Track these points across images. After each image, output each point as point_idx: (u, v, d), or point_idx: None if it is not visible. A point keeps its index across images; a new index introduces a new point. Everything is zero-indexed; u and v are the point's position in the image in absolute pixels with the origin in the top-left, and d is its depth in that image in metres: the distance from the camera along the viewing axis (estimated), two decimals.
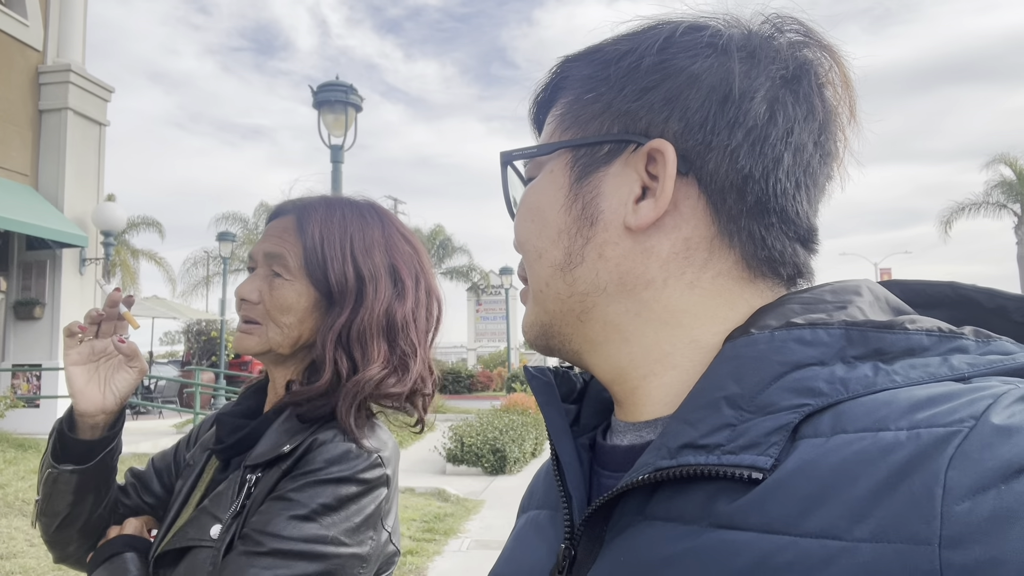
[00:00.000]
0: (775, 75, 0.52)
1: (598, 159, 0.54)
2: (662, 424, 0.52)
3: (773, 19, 0.54)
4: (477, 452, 9.86)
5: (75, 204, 11.81)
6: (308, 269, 1.12)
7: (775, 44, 0.53)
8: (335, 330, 1.10)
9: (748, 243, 0.53)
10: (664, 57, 0.52)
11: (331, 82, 7.63)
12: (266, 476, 1.04)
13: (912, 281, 0.56)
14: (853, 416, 0.42)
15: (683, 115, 0.51)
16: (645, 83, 0.52)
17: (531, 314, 0.59)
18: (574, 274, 0.55)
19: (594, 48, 0.56)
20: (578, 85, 0.56)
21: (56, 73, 11.84)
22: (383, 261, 1.15)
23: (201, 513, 1.07)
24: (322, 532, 0.98)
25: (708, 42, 0.52)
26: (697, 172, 0.52)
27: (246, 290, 1.14)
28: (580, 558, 0.52)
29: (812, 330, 0.47)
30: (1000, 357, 0.44)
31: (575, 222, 0.55)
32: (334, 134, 7.55)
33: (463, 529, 6.54)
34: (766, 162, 0.51)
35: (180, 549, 1.05)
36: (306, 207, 1.16)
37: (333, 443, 1.03)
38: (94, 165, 12.46)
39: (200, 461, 1.21)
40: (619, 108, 0.53)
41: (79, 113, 12.03)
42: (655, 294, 0.53)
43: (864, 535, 0.37)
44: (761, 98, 0.51)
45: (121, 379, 1.18)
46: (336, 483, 1.01)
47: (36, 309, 11.53)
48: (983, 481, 0.35)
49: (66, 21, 12.30)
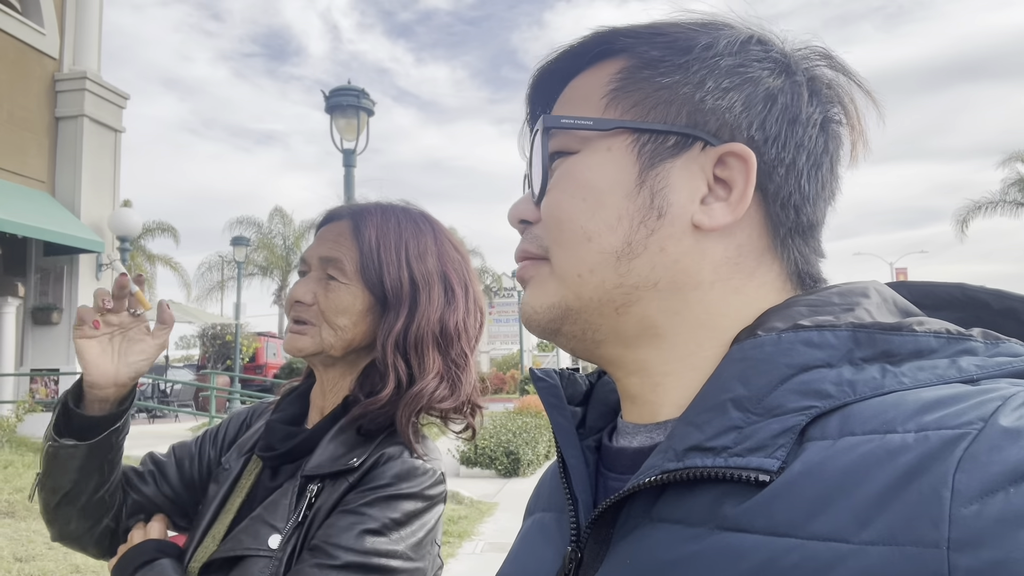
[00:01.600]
0: (825, 107, 0.54)
1: (665, 149, 0.52)
2: (671, 426, 0.52)
3: (817, 50, 0.55)
4: (491, 455, 9.86)
5: (91, 210, 11.94)
6: (363, 273, 1.12)
7: (825, 78, 0.54)
8: (393, 335, 1.11)
9: (797, 259, 0.54)
10: (742, 61, 0.52)
11: (343, 87, 7.67)
12: (329, 488, 1.04)
13: (920, 282, 0.56)
14: (861, 418, 0.42)
15: (762, 125, 0.51)
16: (726, 83, 0.51)
17: (552, 295, 0.55)
18: (630, 264, 0.52)
19: (657, 29, 0.54)
20: (641, 65, 0.53)
21: (72, 81, 11.98)
22: (436, 268, 1.16)
23: (255, 522, 1.05)
24: (392, 547, 0.99)
25: (777, 59, 0.53)
26: (764, 185, 0.52)
27: (300, 292, 1.13)
28: (586, 560, 0.51)
29: (819, 332, 0.46)
30: (1009, 359, 0.44)
31: (640, 210, 0.52)
32: (346, 138, 7.59)
33: (477, 532, 6.54)
34: (818, 187, 0.53)
35: (231, 558, 1.03)
36: (362, 212, 1.17)
37: (401, 459, 1.05)
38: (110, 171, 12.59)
39: (236, 466, 1.19)
40: (696, 102, 0.52)
41: (95, 120, 12.17)
42: (700, 296, 0.52)
43: (872, 538, 0.37)
44: (818, 127, 0.53)
45: (137, 352, 1.14)
46: (405, 499, 1.02)
47: (54, 314, 11.66)
48: (992, 484, 0.35)
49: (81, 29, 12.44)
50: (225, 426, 1.31)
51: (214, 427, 1.33)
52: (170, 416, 16.80)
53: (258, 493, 1.13)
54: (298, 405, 1.21)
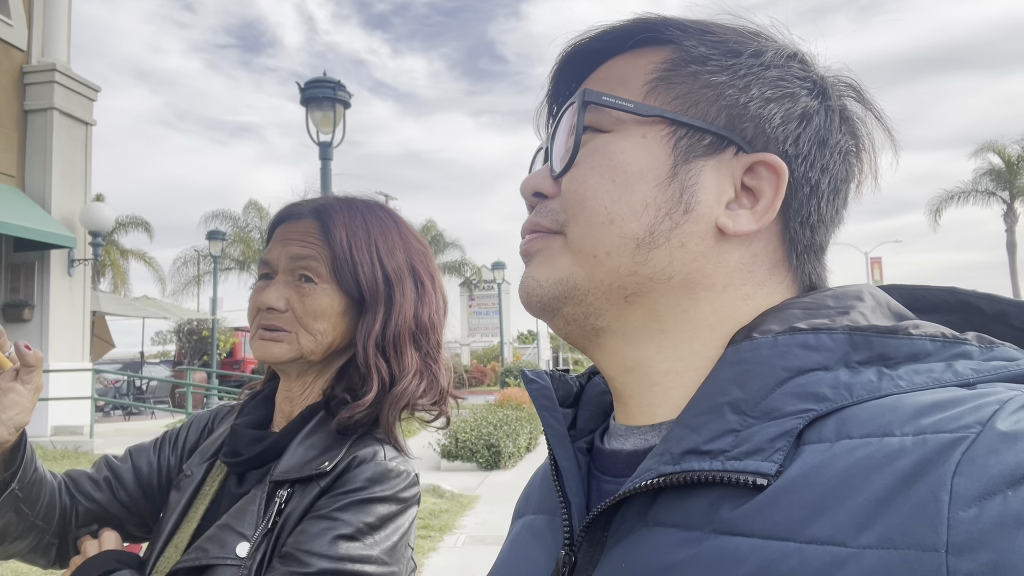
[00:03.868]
0: (848, 137, 0.54)
1: (700, 147, 0.52)
2: (666, 429, 0.52)
3: (845, 80, 0.55)
4: (471, 448, 9.86)
5: (62, 205, 11.73)
6: (337, 274, 1.09)
7: (853, 109, 0.55)
8: (373, 336, 1.09)
9: (809, 275, 0.55)
10: (785, 76, 0.52)
11: (319, 78, 7.59)
12: (299, 493, 1.01)
13: (911, 286, 0.56)
14: (858, 421, 0.42)
15: (796, 141, 0.52)
16: (769, 93, 0.52)
17: (561, 271, 0.54)
18: (649, 254, 0.52)
19: (706, 27, 0.53)
20: (690, 58, 0.53)
21: (41, 73, 11.74)
22: (405, 262, 1.14)
23: (221, 530, 1.01)
24: (366, 552, 0.97)
25: (816, 81, 0.53)
26: (787, 200, 0.52)
27: (271, 298, 1.08)
28: (580, 564, 0.51)
29: (816, 335, 0.46)
30: (1004, 363, 0.44)
31: (668, 202, 0.52)
32: (323, 131, 7.50)
33: (459, 525, 6.54)
34: (833, 213, 0.55)
35: (197, 567, 1.00)
36: (326, 209, 1.12)
37: (374, 462, 1.03)
38: (81, 165, 12.37)
39: (199, 472, 1.14)
40: (739, 106, 0.51)
41: (65, 113, 11.94)
42: (711, 297, 0.53)
43: (870, 541, 0.37)
44: (842, 155, 0.54)
45: (10, 404, 1.01)
46: (379, 502, 1.00)
47: (25, 311, 11.45)
48: (990, 487, 0.35)
49: (50, 20, 12.19)
50: (185, 431, 1.26)
51: (174, 431, 1.28)
52: (146, 413, 16.59)
53: (223, 500, 1.09)
54: (263, 409, 1.18)
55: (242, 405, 1.22)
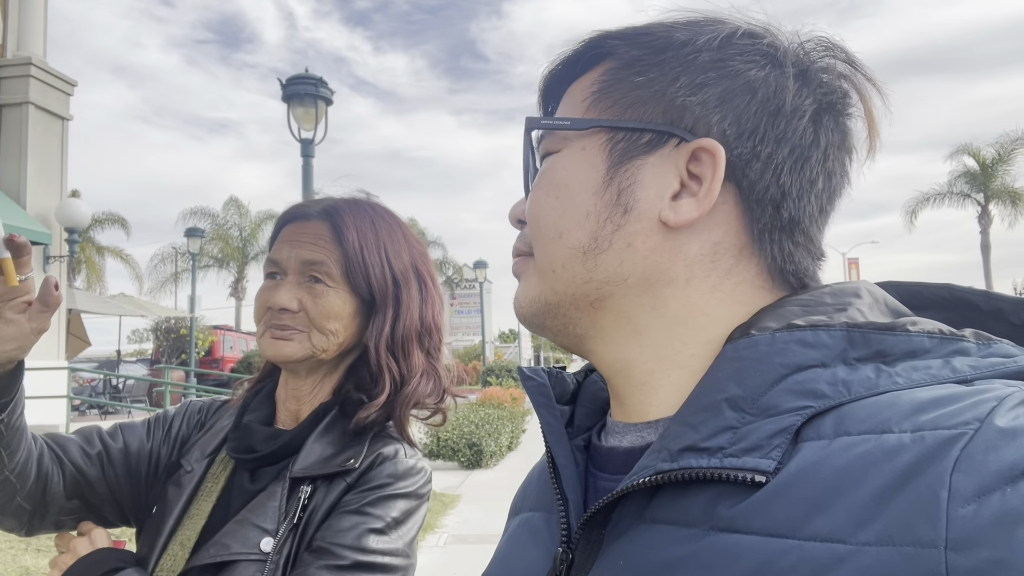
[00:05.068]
0: (820, 98, 0.52)
1: (638, 146, 0.52)
2: (663, 425, 0.52)
3: (820, 41, 0.54)
4: (453, 446, 9.85)
5: (38, 200, 11.54)
6: (350, 276, 1.10)
7: (821, 66, 0.53)
8: (384, 337, 1.11)
9: (777, 257, 0.53)
10: (722, 56, 0.51)
11: (300, 75, 7.54)
12: (323, 489, 1.04)
13: (908, 283, 0.56)
14: (856, 418, 0.42)
15: (736, 119, 0.51)
16: (701, 78, 0.51)
17: (533, 290, 0.57)
18: (597, 260, 0.53)
19: (642, 30, 0.54)
20: (622, 65, 0.54)
21: (16, 67, 11.53)
22: (410, 263, 1.17)
23: (241, 525, 1.02)
24: (393, 545, 1.02)
25: (765, 51, 0.52)
26: (739, 180, 0.51)
27: (284, 299, 1.08)
28: (578, 562, 0.51)
29: (814, 332, 0.47)
30: (1002, 360, 0.45)
31: (607, 207, 0.53)
32: (304, 128, 7.45)
33: (440, 524, 6.52)
34: (803, 182, 0.52)
35: (218, 564, 0.99)
36: (336, 211, 1.13)
37: (396, 459, 1.07)
38: (57, 160, 12.17)
39: (200, 468, 1.13)
40: (670, 98, 0.52)
41: (41, 107, 11.74)
42: (675, 292, 0.52)
43: (869, 538, 0.37)
44: (808, 118, 0.52)
45: (7, 337, 0.92)
46: (402, 498, 1.05)
47: None
48: (988, 483, 0.35)
49: (26, 14, 11.98)
50: (179, 420, 1.22)
51: (165, 417, 1.23)
52: (122, 412, 16.39)
53: (234, 496, 1.09)
54: (268, 405, 1.18)
55: (245, 401, 1.20)
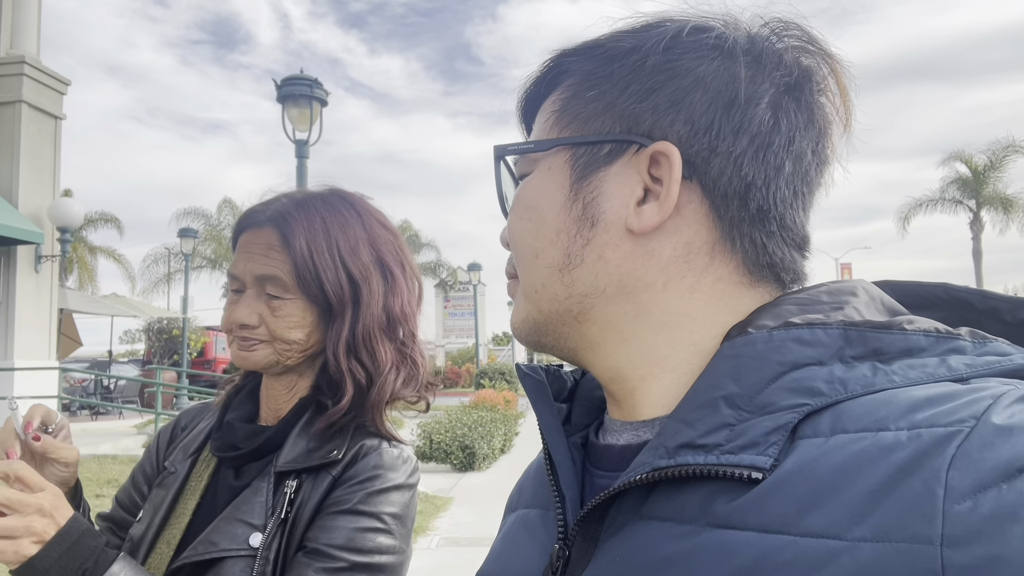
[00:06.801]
0: (779, 81, 0.51)
1: (599, 159, 0.53)
2: (659, 423, 0.52)
3: (775, 24, 0.53)
4: (446, 449, 9.83)
5: (30, 200, 11.48)
6: (302, 285, 1.08)
7: (778, 49, 0.52)
8: (343, 341, 1.09)
9: (750, 249, 0.52)
10: (670, 57, 0.51)
11: (296, 76, 7.53)
12: (309, 482, 1.03)
13: (904, 282, 0.56)
14: (853, 416, 0.42)
15: (688, 118, 0.50)
16: (650, 83, 0.51)
17: (522, 311, 0.58)
18: (572, 275, 0.53)
19: (594, 43, 0.54)
20: (578, 81, 0.54)
21: (10, 65, 11.48)
22: (371, 257, 1.12)
23: (227, 522, 1.01)
24: (391, 542, 1.02)
25: (714, 44, 0.51)
26: (701, 177, 0.51)
27: (243, 315, 1.08)
28: (574, 558, 0.51)
29: (811, 330, 0.47)
30: (997, 358, 0.45)
31: (575, 223, 0.53)
32: (299, 129, 7.44)
33: (433, 527, 6.51)
34: (768, 169, 0.51)
35: (206, 561, 0.99)
36: (284, 216, 1.10)
37: (380, 450, 1.06)
38: (50, 160, 12.11)
39: (183, 468, 1.14)
40: (622, 108, 0.52)
41: (34, 106, 11.69)
42: (654, 297, 0.52)
43: (865, 535, 0.37)
44: (766, 104, 0.51)
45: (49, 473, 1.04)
46: (396, 490, 1.05)
47: None
48: (984, 480, 0.36)
49: (19, 12, 11.93)
50: (156, 442, 1.25)
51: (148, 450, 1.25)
52: (114, 413, 16.30)
53: (219, 494, 1.09)
54: (251, 403, 1.18)
55: (227, 400, 1.21)
